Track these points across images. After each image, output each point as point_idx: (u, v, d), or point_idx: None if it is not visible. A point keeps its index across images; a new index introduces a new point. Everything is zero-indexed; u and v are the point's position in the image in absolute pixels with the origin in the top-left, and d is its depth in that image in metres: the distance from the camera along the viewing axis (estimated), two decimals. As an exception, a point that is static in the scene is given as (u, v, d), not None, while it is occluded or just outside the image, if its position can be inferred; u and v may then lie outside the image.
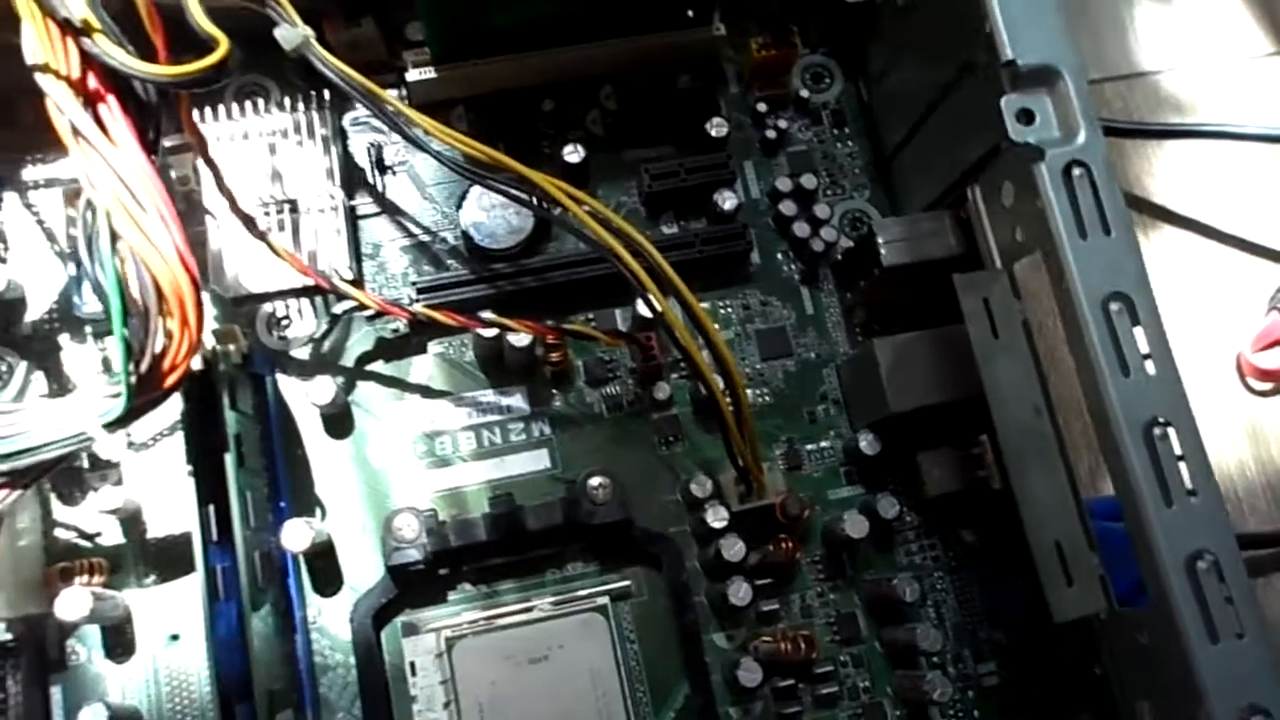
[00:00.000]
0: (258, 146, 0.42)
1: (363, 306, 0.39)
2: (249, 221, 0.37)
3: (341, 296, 0.39)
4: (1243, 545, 0.43)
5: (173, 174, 0.42)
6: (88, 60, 0.30)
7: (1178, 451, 0.27)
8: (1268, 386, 0.46)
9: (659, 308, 0.35)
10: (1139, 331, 0.28)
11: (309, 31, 0.38)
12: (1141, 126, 0.47)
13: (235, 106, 0.42)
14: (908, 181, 0.43)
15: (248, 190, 0.41)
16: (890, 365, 0.38)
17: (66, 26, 0.30)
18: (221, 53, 0.32)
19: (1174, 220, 0.48)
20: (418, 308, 0.39)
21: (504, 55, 0.42)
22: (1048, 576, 0.33)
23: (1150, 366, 0.28)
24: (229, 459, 0.35)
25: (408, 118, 0.37)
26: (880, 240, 0.38)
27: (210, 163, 0.36)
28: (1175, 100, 0.50)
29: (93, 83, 0.31)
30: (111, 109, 0.31)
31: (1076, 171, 0.29)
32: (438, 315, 0.38)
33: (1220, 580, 0.26)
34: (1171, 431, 0.27)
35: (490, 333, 0.39)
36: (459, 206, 0.42)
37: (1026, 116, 0.30)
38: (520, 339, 0.39)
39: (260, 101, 0.43)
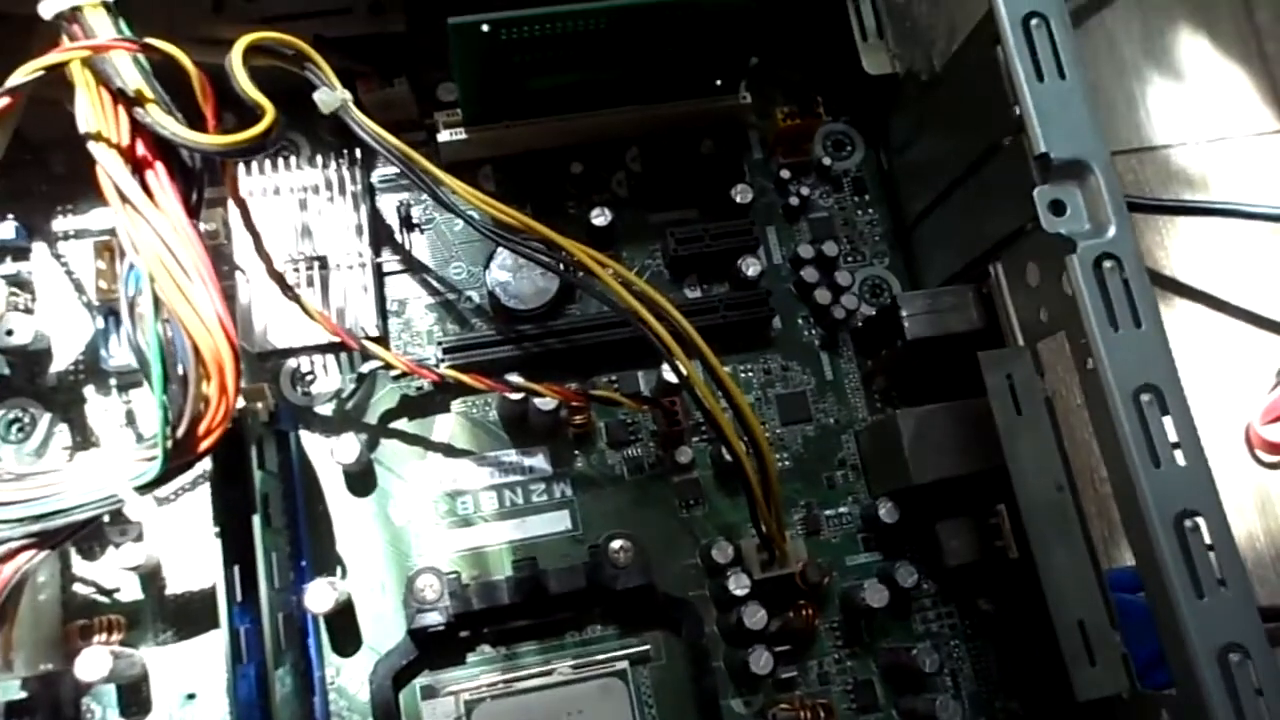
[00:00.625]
0: (288, 202, 0.42)
1: (389, 366, 0.39)
2: (280, 279, 0.38)
3: (368, 356, 0.39)
4: (1266, 619, 0.44)
5: (202, 227, 0.43)
6: (138, 128, 0.31)
7: (1208, 541, 0.28)
8: (1276, 459, 0.47)
9: (684, 372, 0.36)
10: (1168, 421, 0.29)
11: (347, 95, 0.39)
12: (1154, 202, 0.48)
13: (267, 162, 0.43)
14: (929, 252, 0.44)
15: (278, 246, 0.41)
16: (912, 436, 0.38)
17: (120, 96, 0.30)
18: (268, 121, 0.32)
19: (1184, 293, 0.49)
20: (444, 369, 0.39)
21: (534, 118, 0.43)
22: (1071, 655, 0.33)
23: (1180, 457, 0.28)
24: (257, 520, 0.35)
25: (437, 179, 0.37)
26: (904, 313, 0.39)
27: (250, 225, 0.36)
28: (1185, 174, 0.51)
29: (141, 150, 0.31)
30: (159, 175, 0.31)
31: (1108, 264, 0.29)
32: (465, 378, 0.38)
33: (1251, 672, 0.26)
34: (1201, 521, 0.28)
35: (516, 395, 0.39)
36: (486, 266, 0.42)
37: (1058, 208, 0.30)
38: (546, 402, 0.39)
39: (291, 157, 0.43)
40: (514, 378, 0.39)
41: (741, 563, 0.39)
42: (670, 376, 0.40)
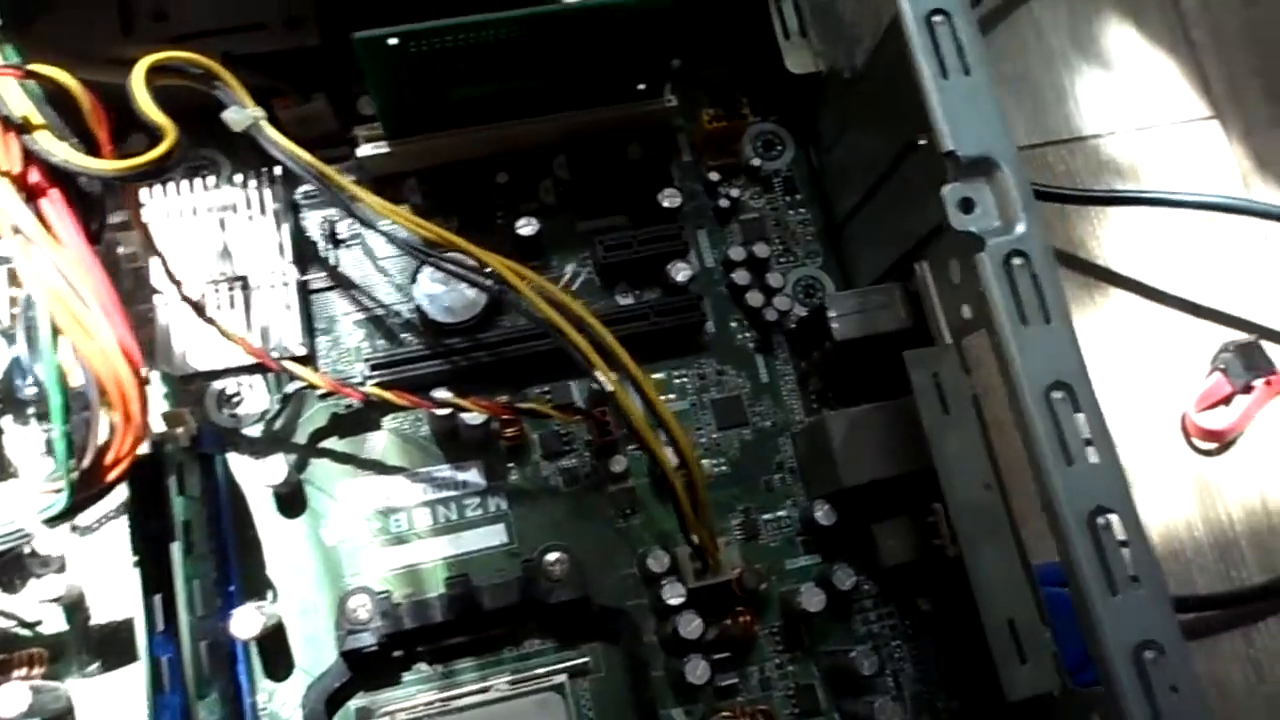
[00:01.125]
0: (207, 222, 0.42)
1: (314, 385, 0.38)
2: (194, 303, 0.37)
3: (291, 376, 0.38)
4: (1193, 607, 0.45)
5: (120, 250, 0.42)
6: (30, 155, 0.30)
7: (1121, 538, 0.28)
8: (1213, 446, 0.47)
9: (608, 385, 0.35)
10: (1080, 418, 0.28)
11: (260, 113, 0.38)
12: (1083, 193, 0.48)
13: (185, 182, 0.42)
14: (859, 250, 0.43)
15: (197, 267, 0.41)
16: (842, 439, 0.38)
17: (7, 123, 0.30)
18: (168, 144, 0.32)
19: (1118, 282, 0.49)
20: (369, 388, 0.38)
21: (457, 129, 0.42)
22: (1001, 654, 0.33)
23: (1092, 454, 0.28)
24: (176, 548, 0.35)
25: (353, 195, 0.37)
26: (831, 314, 0.39)
27: (153, 249, 0.36)
28: (1115, 164, 0.51)
29: (35, 177, 0.30)
30: (54, 203, 0.31)
31: (1017, 260, 0.29)
32: (390, 396, 0.38)
33: (1165, 669, 0.26)
34: (1114, 518, 0.28)
35: (443, 411, 0.38)
36: (413, 280, 0.42)
37: (967, 205, 0.30)
38: (475, 417, 0.39)
39: (210, 176, 0.43)
40: (440, 393, 0.38)
41: (677, 572, 0.39)
42: (605, 385, 0.39)
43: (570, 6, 0.36)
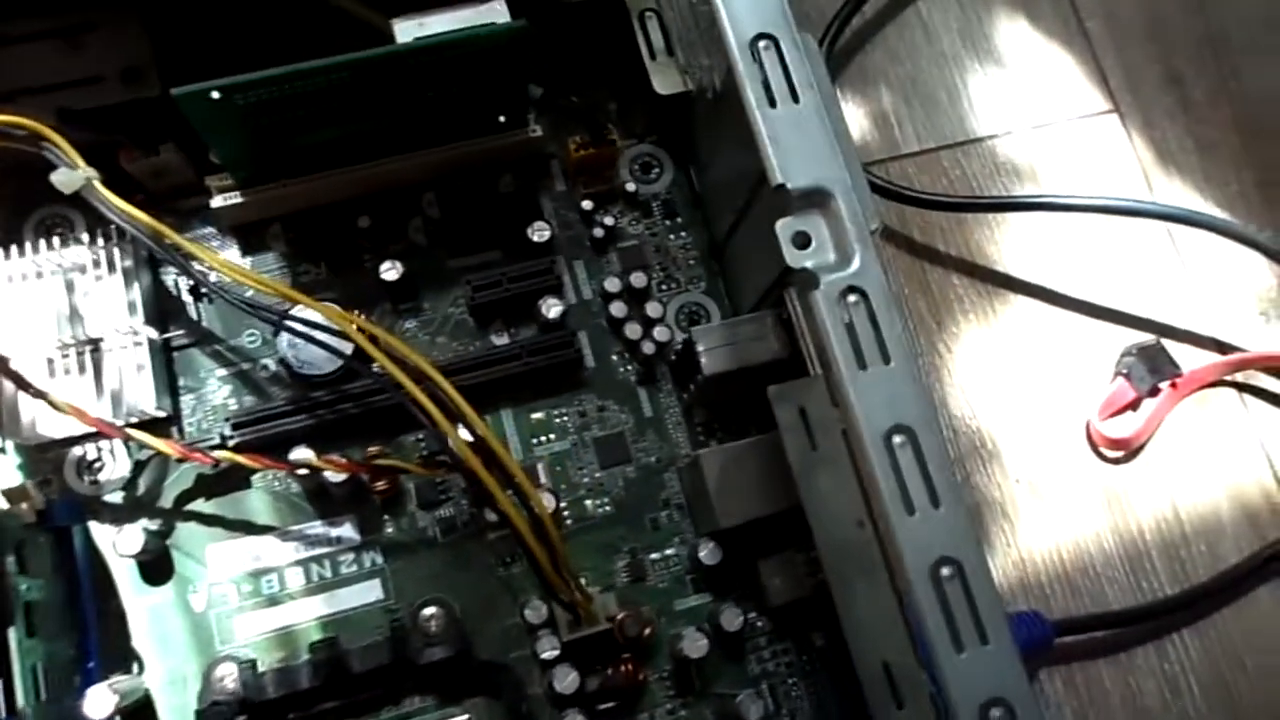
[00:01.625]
0: (53, 284, 0.40)
1: (163, 452, 0.37)
2: (15, 376, 0.35)
3: (140, 445, 0.37)
4: (1105, 624, 0.43)
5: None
6: None
7: (971, 589, 0.26)
8: (1119, 454, 0.46)
9: (450, 442, 0.34)
10: (924, 464, 0.27)
11: (91, 173, 0.37)
12: (973, 200, 0.47)
13: (39, 241, 0.40)
14: (737, 274, 0.42)
15: (45, 331, 0.39)
16: (718, 478, 0.37)
17: None
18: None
19: (1017, 288, 0.48)
20: (222, 452, 0.37)
21: (314, 174, 0.41)
22: (876, 700, 0.32)
23: (937, 502, 0.27)
24: (13, 634, 0.33)
25: (188, 254, 0.35)
26: (700, 348, 0.38)
27: None
28: (1012, 164, 0.50)
29: None
30: None
31: (852, 298, 0.28)
32: (243, 459, 0.36)
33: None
34: (960, 569, 0.26)
35: (302, 471, 0.37)
36: (276, 333, 0.40)
37: (802, 240, 0.29)
38: (337, 475, 0.37)
39: (64, 235, 0.41)
40: (297, 453, 0.37)
41: (553, 624, 0.38)
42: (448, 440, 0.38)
43: (405, 47, 0.35)
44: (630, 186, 0.44)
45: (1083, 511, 0.46)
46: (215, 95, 0.34)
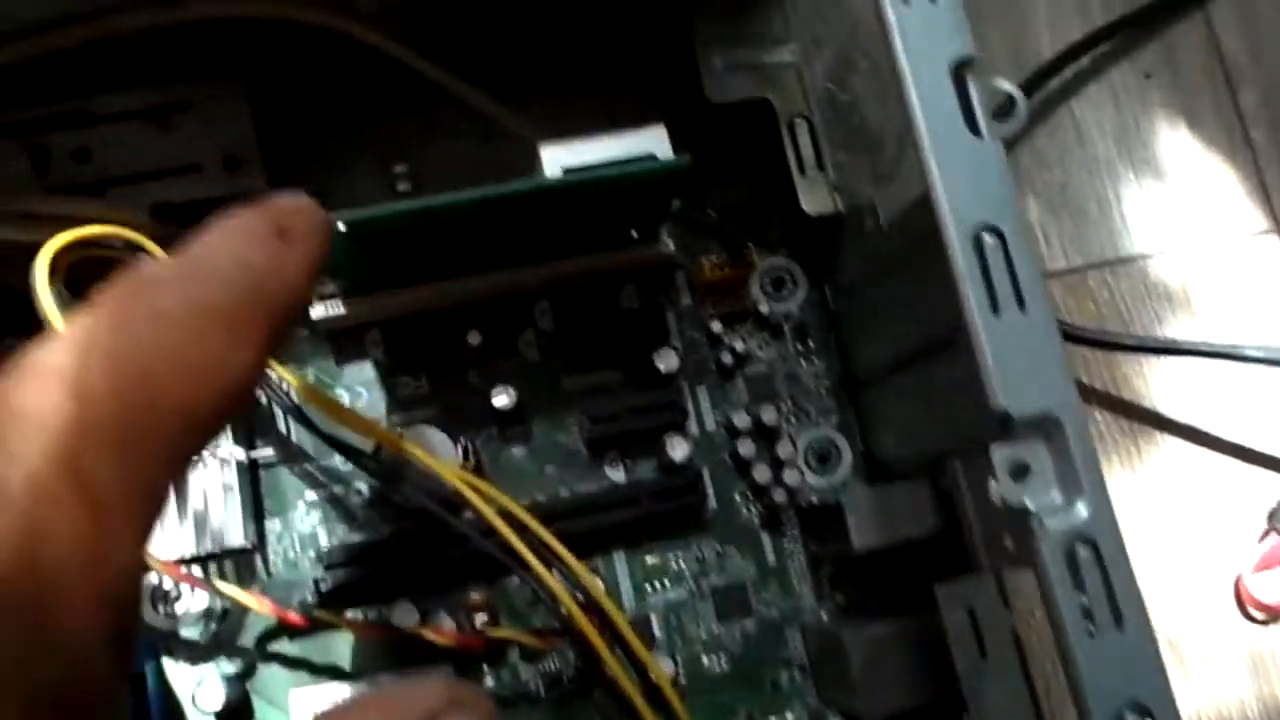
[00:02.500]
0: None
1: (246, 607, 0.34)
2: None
3: (221, 595, 0.33)
4: None
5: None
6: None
7: None
8: (1268, 616, 0.43)
9: (562, 608, 0.31)
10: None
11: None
12: (1133, 342, 0.43)
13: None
14: (881, 421, 0.38)
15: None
16: (862, 663, 0.33)
17: None
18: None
19: (1166, 427, 0.44)
20: (319, 613, 0.33)
21: (424, 283, 0.37)
22: None
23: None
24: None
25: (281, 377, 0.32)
26: (851, 521, 0.34)
27: None
28: (1164, 288, 0.46)
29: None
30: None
31: (1082, 551, 0.24)
32: (341, 623, 0.33)
33: None
34: None
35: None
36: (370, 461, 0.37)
37: (1020, 472, 0.25)
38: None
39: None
40: (402, 615, 0.34)
41: (670, 803, 0.35)
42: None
43: (558, 183, 0.31)
44: (763, 308, 0.40)
45: (1226, 674, 0.42)
46: (342, 227, 0.30)
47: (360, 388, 0.39)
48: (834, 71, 0.45)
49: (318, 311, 0.37)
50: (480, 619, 0.35)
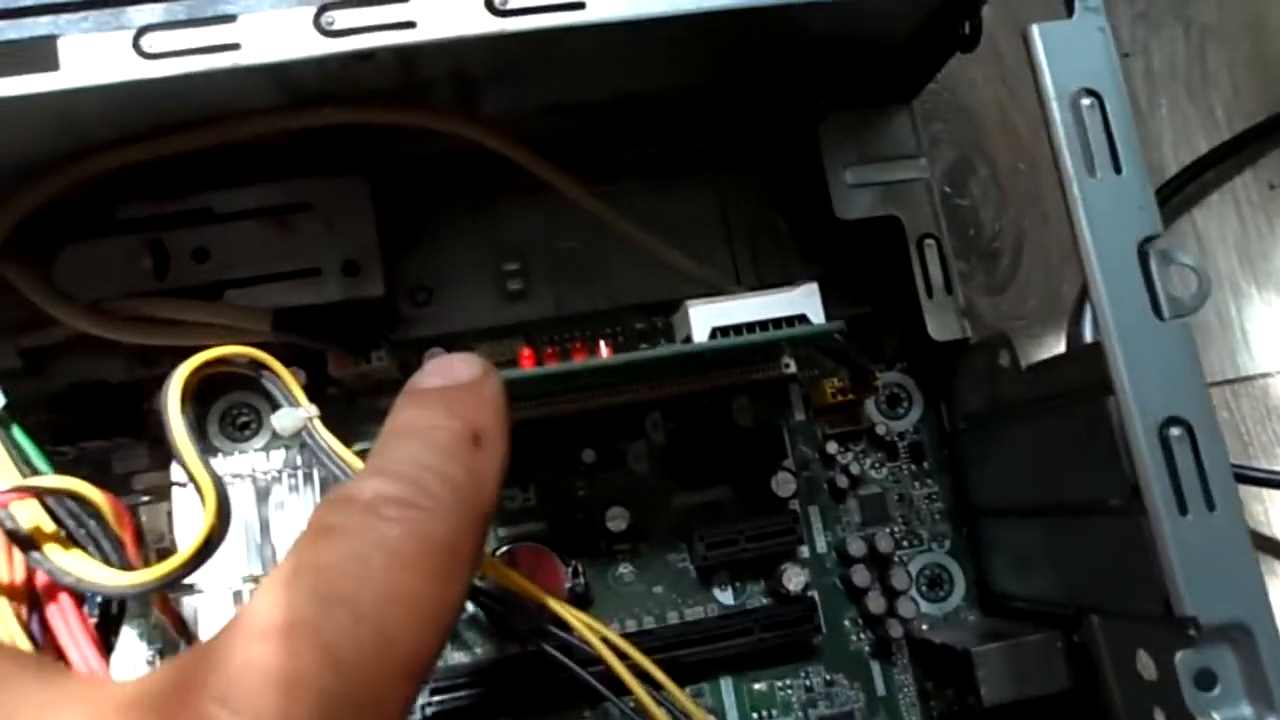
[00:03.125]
0: (243, 492, 0.36)
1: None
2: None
3: None
4: None
5: (143, 519, 0.37)
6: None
7: None
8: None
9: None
10: None
11: (313, 410, 0.32)
12: (1259, 475, 0.41)
13: (225, 435, 0.36)
14: (996, 557, 0.37)
15: (233, 554, 0.35)
16: (987, 822, 0.32)
17: (12, 536, 0.24)
18: (206, 529, 0.26)
19: (1287, 560, 0.43)
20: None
21: (539, 400, 0.36)
22: None
23: None
24: None
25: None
26: (980, 674, 0.33)
27: (183, 633, 0.30)
28: (1286, 410, 0.44)
29: (42, 579, 0.25)
30: (65, 612, 0.25)
31: (1273, 775, 0.23)
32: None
33: None
34: None
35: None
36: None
37: (1206, 681, 0.24)
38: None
39: (252, 427, 0.37)
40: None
41: None
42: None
43: (708, 350, 0.30)
44: (880, 429, 0.39)
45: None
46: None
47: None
48: (951, 175, 0.44)
49: (432, 423, 0.36)
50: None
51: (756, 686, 0.37)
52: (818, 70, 0.36)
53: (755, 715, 0.37)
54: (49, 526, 0.24)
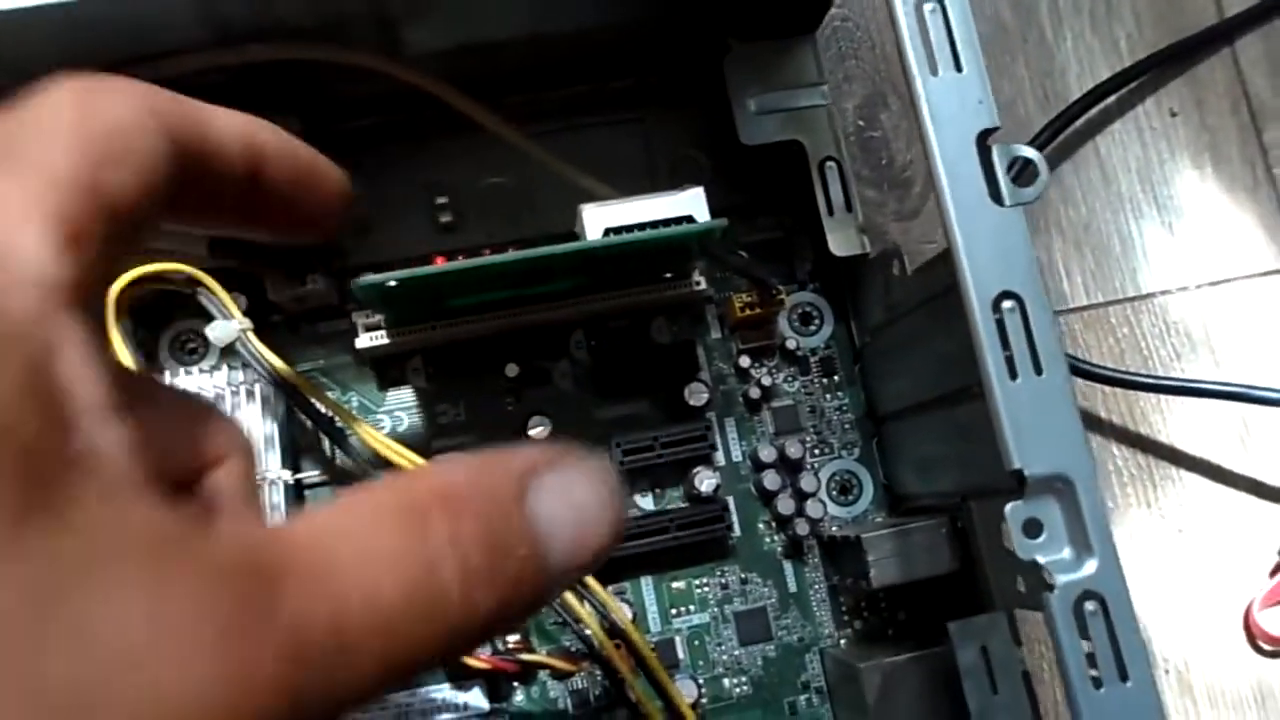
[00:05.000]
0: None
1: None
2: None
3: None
4: None
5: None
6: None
7: None
8: (1276, 648, 0.44)
9: (592, 637, 0.32)
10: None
11: (246, 324, 0.35)
12: (1151, 381, 0.44)
13: (174, 359, 0.39)
14: (902, 458, 0.40)
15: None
16: (878, 694, 0.35)
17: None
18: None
19: (1182, 462, 0.45)
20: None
21: (465, 319, 0.39)
22: None
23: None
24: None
25: (340, 416, 0.34)
26: (870, 558, 0.35)
27: None
28: (1184, 325, 0.46)
29: None
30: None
31: (1089, 606, 0.26)
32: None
33: None
34: None
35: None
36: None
37: (1033, 529, 0.26)
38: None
39: (198, 353, 0.40)
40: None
41: (694, 821, 0.36)
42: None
43: (599, 247, 0.32)
44: (791, 344, 0.41)
45: (1234, 706, 0.43)
46: (393, 284, 0.31)
47: (401, 413, 0.40)
48: (864, 108, 0.46)
49: (363, 341, 0.38)
50: (512, 640, 0.37)
51: (675, 585, 0.40)
52: (722, 6, 0.38)
53: (674, 611, 0.40)
54: None
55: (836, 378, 0.42)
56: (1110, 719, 0.25)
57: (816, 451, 0.41)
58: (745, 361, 0.41)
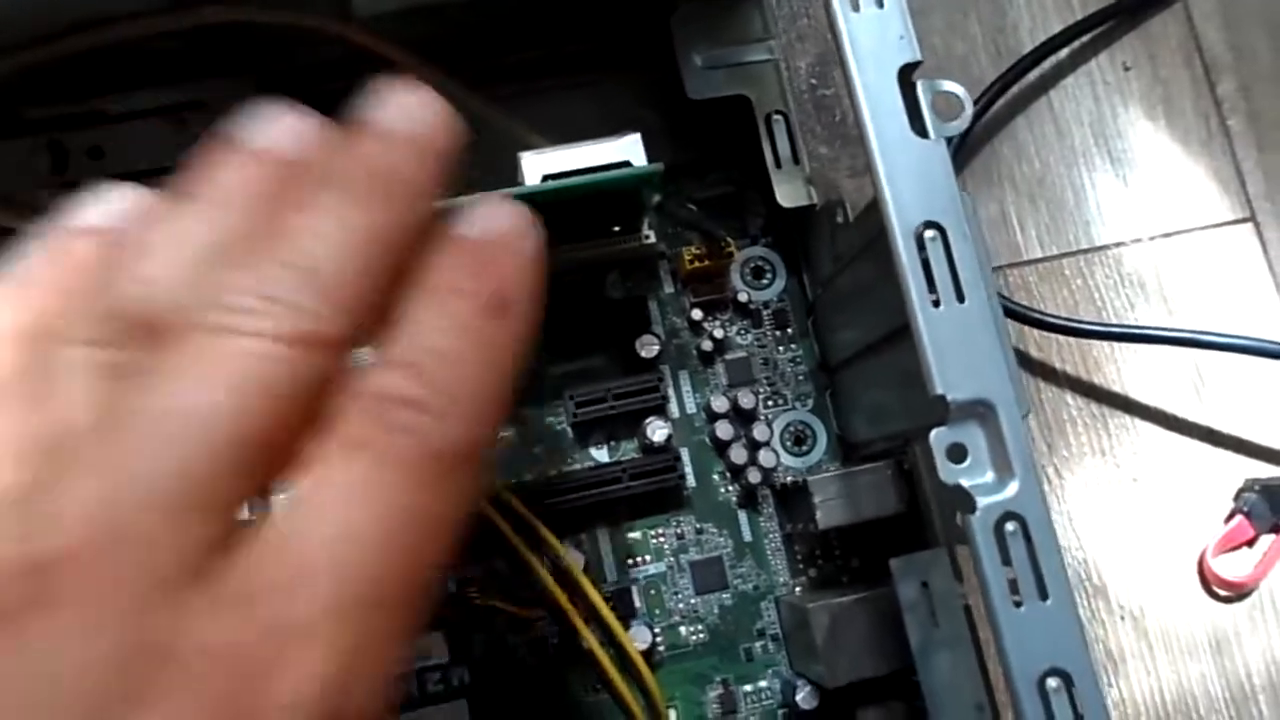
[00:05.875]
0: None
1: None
2: None
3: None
4: None
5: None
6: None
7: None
8: (1231, 593, 0.44)
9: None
10: (1075, 711, 0.26)
11: None
12: (1103, 330, 0.44)
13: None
14: (851, 406, 0.40)
15: None
16: (826, 634, 0.35)
17: None
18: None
19: (1136, 410, 0.46)
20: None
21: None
22: None
23: (1090, 753, 0.25)
24: None
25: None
26: (816, 499, 0.36)
27: None
28: (1138, 276, 0.47)
29: None
30: None
31: (1010, 526, 0.26)
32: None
33: None
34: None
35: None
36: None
37: (957, 453, 0.27)
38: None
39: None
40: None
41: (647, 766, 0.37)
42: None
43: (536, 192, 0.33)
44: (742, 296, 0.42)
45: (1189, 651, 0.44)
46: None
47: (359, 371, 0.41)
48: (816, 66, 0.47)
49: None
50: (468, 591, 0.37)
51: (631, 535, 0.40)
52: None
53: (630, 561, 0.40)
54: None
55: (789, 330, 0.42)
56: (1030, 636, 0.26)
57: (770, 403, 0.42)
58: (698, 315, 0.41)
